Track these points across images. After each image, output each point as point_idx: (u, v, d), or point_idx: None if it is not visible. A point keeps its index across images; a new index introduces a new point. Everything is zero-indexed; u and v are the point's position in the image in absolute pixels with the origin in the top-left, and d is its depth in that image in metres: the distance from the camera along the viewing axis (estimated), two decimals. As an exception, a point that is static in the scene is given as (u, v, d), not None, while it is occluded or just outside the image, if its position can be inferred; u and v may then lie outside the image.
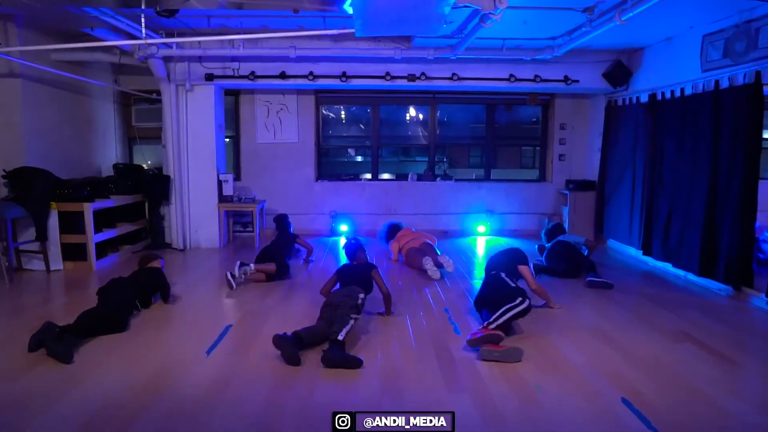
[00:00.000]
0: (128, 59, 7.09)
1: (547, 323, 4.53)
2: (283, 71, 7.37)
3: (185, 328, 4.43)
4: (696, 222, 5.81)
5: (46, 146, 6.59)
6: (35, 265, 6.12)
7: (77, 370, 3.52)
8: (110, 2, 5.07)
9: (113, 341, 4.03)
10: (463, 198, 8.95)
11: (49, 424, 2.87)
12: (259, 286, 5.62)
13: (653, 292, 5.65)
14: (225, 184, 7.78)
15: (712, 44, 5.52)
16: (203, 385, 3.34)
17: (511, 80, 7.50)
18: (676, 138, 6.25)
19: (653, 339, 4.22)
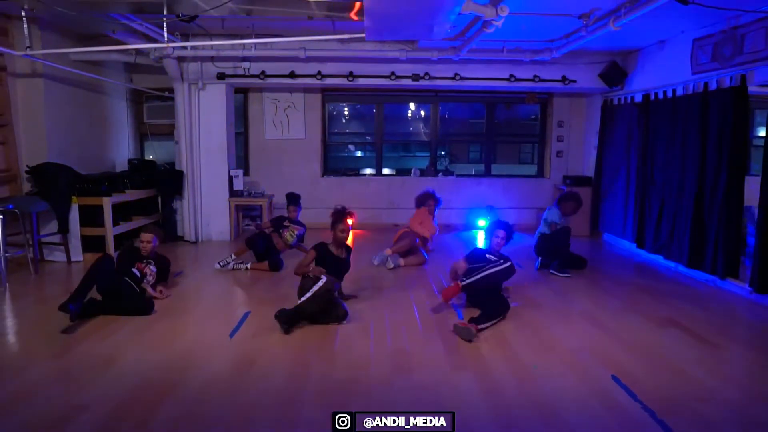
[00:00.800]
0: (143, 59, 7.37)
1: (543, 311, 4.86)
2: (293, 71, 7.66)
3: (207, 314, 4.75)
4: (686, 216, 6.12)
5: (65, 143, 6.89)
6: (57, 256, 6.42)
7: (112, 350, 3.84)
8: (132, 8, 5.35)
9: (141, 324, 4.35)
10: (464, 193, 9.25)
11: (95, 394, 3.18)
12: (269, 276, 5.94)
13: (644, 282, 5.98)
14: (236, 179, 8.08)
15: (701, 48, 5.83)
16: (230, 364, 3.67)
17: (511, 80, 7.81)
18: (667, 136, 6.56)
19: (642, 325, 4.55)
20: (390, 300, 5.12)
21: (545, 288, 5.64)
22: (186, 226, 7.95)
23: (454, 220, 9.16)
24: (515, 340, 4.14)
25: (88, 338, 4.04)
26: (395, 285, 5.68)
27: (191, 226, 7.90)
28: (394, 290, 5.46)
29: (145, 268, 5.03)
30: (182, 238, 7.95)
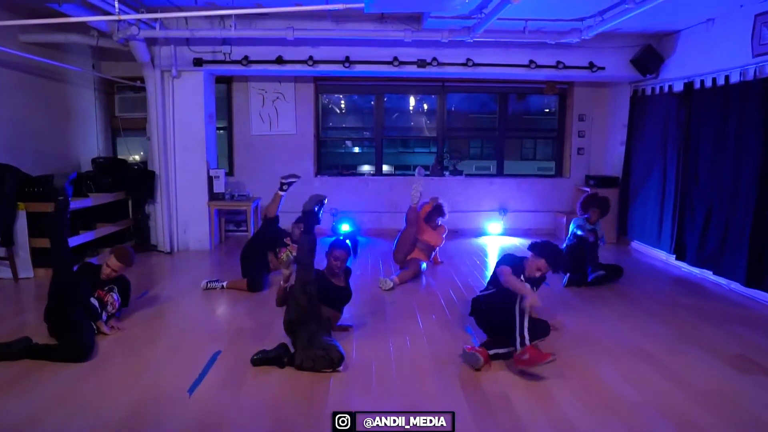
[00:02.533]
0: (108, 42, 6.38)
1: (582, 345, 3.93)
2: (280, 56, 6.69)
3: (166, 354, 3.77)
4: (742, 224, 5.21)
5: (14, 138, 5.92)
6: (1, 272, 5.47)
7: (36, 410, 2.90)
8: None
9: (78, 370, 3.40)
10: (474, 194, 8.32)
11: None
12: (247, 298, 5.00)
13: (693, 302, 5.05)
14: (216, 180, 7.11)
15: (766, 25, 4.89)
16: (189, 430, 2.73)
17: (531, 66, 6.83)
18: (715, 131, 5.64)
19: (711, 365, 3.63)
20: (395, 330, 4.19)
21: (576, 312, 4.72)
22: (160, 233, 6.98)
23: (462, 225, 8.21)
24: (556, 389, 3.23)
25: (11, 390, 3.12)
26: (398, 309, 4.75)
27: (165, 234, 6.92)
28: (398, 317, 4.53)
29: (106, 297, 4.09)
30: (156, 247, 6.98)
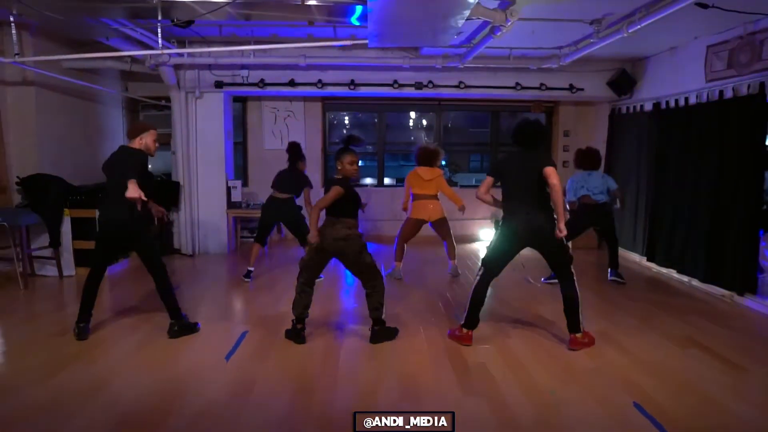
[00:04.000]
0: (139, 67, 7.17)
1: (556, 329, 4.62)
2: (292, 79, 7.46)
3: (202, 334, 4.47)
4: (701, 229, 5.90)
5: (58, 153, 6.67)
6: (48, 270, 6.18)
7: (102, 374, 3.60)
8: (126, 13, 5.15)
9: (134, 345, 4.12)
10: (468, 204, 8.98)
11: (82, 424, 2.95)
12: (268, 293, 5.69)
13: (658, 297, 5.74)
14: (233, 190, 7.85)
15: (716, 55, 5.63)
16: (226, 390, 3.41)
17: (516, 88, 7.61)
18: (680, 146, 6.35)
19: (661, 345, 4.30)
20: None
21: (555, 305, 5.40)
22: (183, 238, 7.71)
23: (456, 232, 8.88)
24: (529, 362, 3.91)
25: (79, 360, 3.81)
26: (397, 308, 5.45)
27: (188, 238, 7.66)
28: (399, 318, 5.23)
29: None
30: (179, 251, 7.71)
